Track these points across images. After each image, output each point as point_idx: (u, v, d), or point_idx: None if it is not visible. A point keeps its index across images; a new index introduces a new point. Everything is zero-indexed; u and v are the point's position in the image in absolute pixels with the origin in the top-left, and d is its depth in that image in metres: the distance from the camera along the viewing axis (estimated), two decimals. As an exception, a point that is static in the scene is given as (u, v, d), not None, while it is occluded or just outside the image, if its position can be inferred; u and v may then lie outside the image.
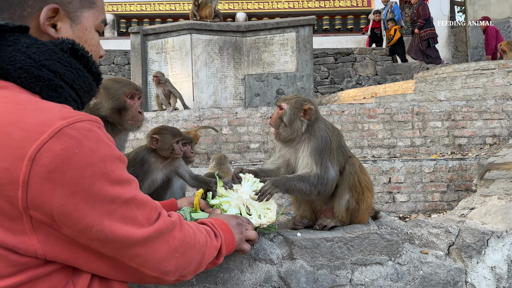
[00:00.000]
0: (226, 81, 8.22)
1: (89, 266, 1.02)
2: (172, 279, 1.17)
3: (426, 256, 2.04)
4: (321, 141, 2.00)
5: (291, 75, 8.08)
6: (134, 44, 8.25)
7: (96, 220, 0.95)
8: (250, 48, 8.34)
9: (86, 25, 1.17)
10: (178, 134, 2.19)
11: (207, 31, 8.06)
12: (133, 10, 19.03)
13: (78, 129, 0.93)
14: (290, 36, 8.15)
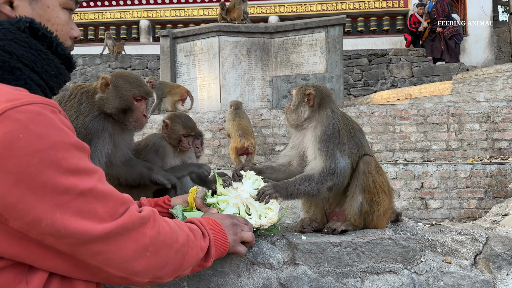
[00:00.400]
0: (254, 83, 8.12)
1: (45, 264, 0.93)
2: (144, 280, 1.07)
3: (448, 266, 1.84)
4: (327, 128, 1.89)
5: (320, 76, 7.87)
6: (164, 48, 8.32)
7: (45, 212, 0.86)
8: (278, 49, 8.21)
9: (48, 2, 1.10)
10: (189, 126, 2.10)
11: (235, 33, 8.01)
12: (168, 16, 19.37)
13: (25, 112, 0.85)
14: (320, 37, 7.96)
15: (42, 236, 0.88)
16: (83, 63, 14.49)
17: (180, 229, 1.18)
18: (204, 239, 1.29)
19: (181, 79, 8.31)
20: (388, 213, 2.02)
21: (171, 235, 1.12)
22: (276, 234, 1.78)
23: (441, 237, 1.96)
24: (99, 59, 14.45)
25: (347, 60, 12.68)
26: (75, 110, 1.76)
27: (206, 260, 1.31)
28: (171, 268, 1.13)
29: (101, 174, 1.01)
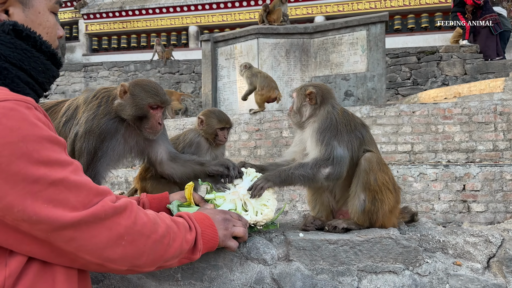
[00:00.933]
0: (293, 84, 8.09)
1: (23, 248, 1.00)
2: (121, 268, 1.12)
3: (457, 268, 1.76)
4: (325, 121, 1.89)
5: (361, 75, 7.70)
6: (205, 52, 8.52)
7: (17, 200, 0.93)
8: (318, 50, 8.13)
9: (39, 8, 1.19)
10: (224, 120, 2.18)
11: (273, 35, 8.04)
12: (215, 21, 19.79)
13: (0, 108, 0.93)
14: (360, 35, 7.79)
15: (17, 222, 0.95)
16: (134, 69, 15.16)
17: (161, 221, 1.22)
18: (190, 232, 1.33)
19: (221, 82, 8.47)
20: (396, 211, 1.96)
21: (149, 226, 1.16)
22: (274, 231, 1.79)
23: (452, 239, 1.88)
24: (149, 65, 15.04)
25: (395, 59, 12.27)
26: (94, 111, 1.86)
27: (194, 252, 1.34)
28: (150, 258, 1.17)
29: (76, 166, 1.07)
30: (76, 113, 1.90)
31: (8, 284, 0.97)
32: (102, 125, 1.83)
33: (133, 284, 1.59)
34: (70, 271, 1.10)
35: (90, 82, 15.44)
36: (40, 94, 1.21)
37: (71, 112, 1.92)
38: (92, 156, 1.83)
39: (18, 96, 1.00)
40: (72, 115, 1.90)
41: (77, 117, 1.89)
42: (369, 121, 6.01)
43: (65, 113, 1.92)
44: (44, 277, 1.04)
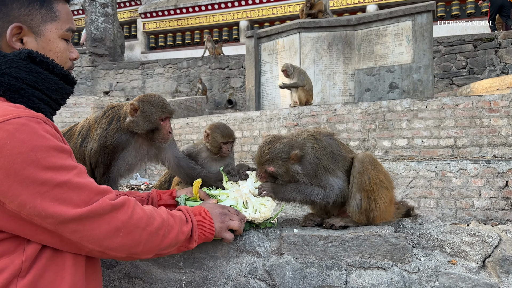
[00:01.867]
0: (335, 77, 8.04)
1: (37, 237, 1.22)
2: (120, 255, 1.31)
3: (450, 267, 1.80)
4: (311, 165, 1.90)
5: (406, 67, 7.48)
6: (249, 48, 8.69)
7: (28, 198, 1.14)
8: (362, 42, 8.00)
9: (49, 36, 1.38)
10: (227, 135, 2.29)
11: (315, 28, 8.02)
12: (265, 15, 19.95)
13: (13, 124, 1.14)
14: (406, 25, 7.55)
15: (30, 216, 1.16)
16: (187, 65, 15.72)
17: (158, 215, 1.40)
18: (186, 224, 1.50)
19: (264, 77, 8.61)
20: (392, 205, 2.01)
21: (145, 219, 1.34)
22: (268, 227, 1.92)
23: (450, 238, 1.91)
24: (201, 61, 15.53)
25: (449, 47, 11.70)
26: (105, 129, 2.08)
27: (190, 242, 1.52)
28: (146, 247, 1.35)
29: (80, 170, 1.27)
30: (89, 132, 2.13)
31: (25, 266, 1.19)
32: (114, 140, 2.05)
33: (141, 270, 1.80)
34: (77, 257, 1.30)
35: (146, 79, 16.23)
36: (55, 108, 1.43)
37: (85, 132, 2.15)
38: (107, 167, 2.08)
39: (30, 112, 1.21)
40: (87, 134, 2.13)
41: (91, 135, 2.12)
42: (410, 114, 5.88)
43: (79, 134, 2.16)
44: (55, 262, 1.26)
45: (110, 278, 1.81)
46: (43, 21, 1.36)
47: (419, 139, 5.80)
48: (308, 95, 6.89)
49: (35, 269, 1.21)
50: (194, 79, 15.36)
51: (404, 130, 5.88)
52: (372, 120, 6.08)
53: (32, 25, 1.34)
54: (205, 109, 13.11)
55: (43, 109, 1.34)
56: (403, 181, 5.02)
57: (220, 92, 14.85)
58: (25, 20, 1.33)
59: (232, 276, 1.77)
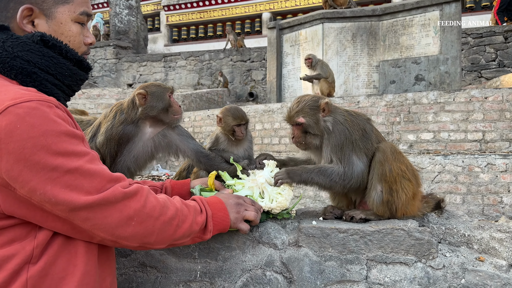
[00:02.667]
0: (359, 69, 7.87)
1: (48, 224, 1.19)
2: (133, 244, 1.28)
3: (478, 264, 1.71)
4: (340, 135, 1.85)
5: (433, 58, 7.24)
6: (271, 39, 8.59)
7: (38, 184, 1.11)
8: (387, 32, 7.78)
9: (61, 19, 1.34)
10: (238, 117, 2.26)
11: (339, 19, 7.85)
12: (288, 6, 19.75)
13: (23, 107, 1.11)
14: (433, 15, 7.30)
15: (41, 203, 1.14)
16: (209, 58, 15.73)
17: (172, 204, 1.36)
18: (200, 215, 1.46)
19: (286, 69, 8.50)
20: (417, 199, 1.92)
21: (158, 209, 1.30)
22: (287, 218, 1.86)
23: (478, 233, 1.81)
24: (223, 53, 15.51)
25: (478, 39, 11.29)
26: (111, 122, 2.15)
27: (205, 233, 1.48)
28: (160, 237, 1.31)
29: (93, 156, 1.23)
30: (99, 128, 2.20)
31: (36, 253, 1.17)
32: (119, 132, 2.10)
33: (156, 259, 1.77)
34: (90, 245, 1.27)
35: (169, 72, 16.34)
36: (69, 94, 1.39)
37: (95, 128, 2.22)
38: (113, 159, 2.13)
39: (41, 96, 1.17)
40: (97, 131, 2.20)
41: (99, 130, 2.19)
42: (436, 107, 5.69)
43: (91, 130, 2.24)
44: (67, 249, 1.23)
45: (125, 266, 1.79)
46: (55, 3, 1.32)
47: (446, 132, 5.61)
48: (330, 87, 6.77)
49: (46, 256, 1.19)
50: (215, 71, 15.35)
51: (430, 123, 5.70)
52: (397, 112, 5.92)
53: (44, 7, 1.31)
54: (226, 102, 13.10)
55: (56, 94, 1.31)
56: (428, 176, 4.87)
57: (242, 84, 14.80)
58: (36, 1, 1.29)
59: (248, 267, 1.73)
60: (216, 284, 1.73)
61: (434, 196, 2.14)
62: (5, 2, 1.28)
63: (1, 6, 1.29)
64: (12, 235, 1.17)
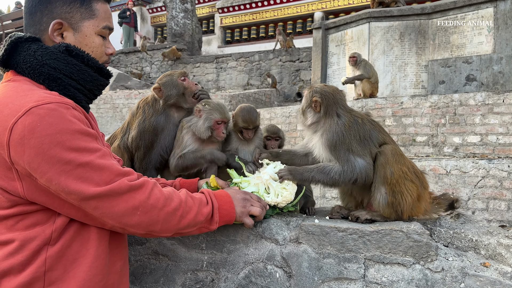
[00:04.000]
0: (406, 68, 7.63)
1: (64, 211, 1.36)
2: (139, 231, 1.43)
3: (481, 269, 1.70)
4: (334, 135, 1.90)
5: (486, 57, 6.87)
6: (316, 39, 8.58)
7: (54, 176, 1.28)
8: (437, 31, 7.48)
9: (86, 32, 1.51)
10: (246, 121, 2.23)
11: (386, 18, 7.67)
12: (340, 5, 19.43)
13: (44, 109, 1.28)
14: (487, 13, 6.92)
15: (57, 192, 1.31)
16: (258, 58, 15.92)
17: (176, 196, 1.49)
18: (206, 206, 1.58)
19: (331, 69, 8.45)
20: (425, 198, 1.92)
21: (163, 200, 1.43)
22: (295, 215, 1.94)
23: (486, 239, 1.79)
24: (272, 54, 15.62)
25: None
26: (142, 116, 2.31)
27: (211, 223, 1.60)
28: (165, 226, 1.45)
29: (104, 152, 1.39)
30: (129, 126, 2.38)
31: (54, 236, 1.35)
32: (153, 123, 2.27)
33: (167, 249, 1.92)
34: (102, 231, 1.43)
35: (220, 73, 16.74)
36: (90, 97, 1.56)
37: (125, 128, 2.40)
38: (148, 149, 2.28)
39: (61, 99, 1.34)
40: (127, 129, 2.38)
41: (130, 128, 2.36)
42: (484, 109, 5.42)
43: (121, 131, 2.41)
44: (81, 234, 1.40)
45: (140, 253, 1.96)
46: (82, 18, 1.49)
47: (494, 136, 5.32)
48: (373, 87, 6.65)
49: (63, 239, 1.36)
50: (265, 72, 15.50)
51: (477, 125, 5.43)
52: (442, 114, 5.70)
53: (72, 22, 1.48)
54: (274, 102, 13.21)
55: (78, 97, 1.47)
56: (470, 180, 4.66)
57: (290, 85, 14.83)
58: (65, 17, 1.47)
59: (250, 260, 1.83)
60: (221, 274, 1.85)
61: (447, 196, 2.12)
62: (39, 17, 1.47)
63: (36, 20, 1.47)
64: (35, 220, 1.35)
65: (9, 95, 1.34)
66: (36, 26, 1.48)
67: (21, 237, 1.31)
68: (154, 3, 24.56)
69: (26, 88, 1.38)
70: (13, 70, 1.45)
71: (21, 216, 1.34)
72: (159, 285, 1.91)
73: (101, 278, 1.40)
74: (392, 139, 2.00)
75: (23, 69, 1.42)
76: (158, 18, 24.54)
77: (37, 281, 1.30)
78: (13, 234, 1.32)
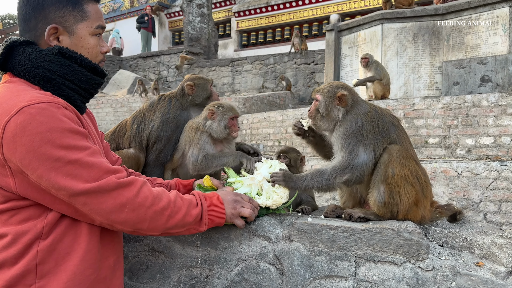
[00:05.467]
0: (420, 70, 7.55)
1: (55, 206, 1.41)
2: (126, 229, 1.47)
3: (474, 268, 1.69)
4: (351, 125, 1.90)
5: (501, 58, 6.74)
6: (329, 41, 8.57)
7: (44, 172, 1.33)
8: (451, 32, 7.38)
9: (81, 34, 1.56)
10: None
11: (399, 19, 7.61)
12: (357, 7, 19.31)
13: (35, 108, 1.33)
14: (502, 13, 6.79)
15: (48, 188, 1.35)
16: (273, 61, 15.96)
17: (166, 196, 1.53)
18: (195, 208, 1.61)
19: (344, 71, 8.42)
20: (423, 205, 1.90)
21: (151, 199, 1.47)
22: (289, 214, 1.96)
23: (480, 239, 1.78)
24: (287, 57, 15.65)
25: None
26: (166, 107, 2.43)
27: (200, 225, 1.62)
28: (152, 225, 1.48)
29: (93, 150, 1.43)
30: (144, 117, 2.46)
31: (46, 230, 1.40)
32: (177, 115, 2.43)
33: (164, 245, 1.97)
34: (93, 227, 1.48)
35: (236, 76, 16.85)
36: (86, 97, 1.61)
37: (140, 119, 2.48)
38: (167, 141, 2.39)
39: (52, 99, 1.40)
40: (142, 120, 2.46)
41: (148, 119, 2.45)
42: (497, 110, 5.32)
43: (134, 121, 2.48)
44: (73, 229, 1.45)
45: (137, 250, 2.01)
46: (75, 21, 1.54)
47: (508, 137, 5.22)
48: (384, 89, 6.60)
49: (54, 234, 1.41)
50: (279, 74, 15.53)
51: (491, 127, 5.34)
52: (455, 115, 5.62)
53: (66, 25, 1.53)
54: (288, 105, 13.22)
55: (72, 97, 1.52)
56: (482, 182, 4.58)
57: (305, 87, 14.82)
58: (60, 21, 1.52)
59: (244, 257, 1.85)
60: (214, 270, 1.88)
61: (451, 207, 2.09)
62: (34, 23, 1.52)
63: (31, 26, 1.53)
64: (27, 214, 1.40)
65: (4, 95, 1.40)
66: (31, 32, 1.53)
67: (14, 231, 1.37)
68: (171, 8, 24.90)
69: (21, 88, 1.43)
70: (10, 72, 1.51)
71: (14, 211, 1.39)
72: (155, 281, 1.96)
73: (92, 272, 1.44)
74: (407, 139, 1.97)
75: (19, 72, 1.48)
76: (176, 23, 24.85)
77: (29, 274, 1.36)
78: (6, 228, 1.38)
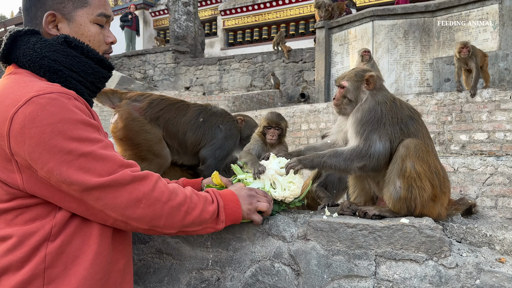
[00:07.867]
0: (411, 67, 7.57)
1: (65, 204, 1.31)
2: (142, 226, 1.37)
3: (497, 265, 1.63)
4: (368, 112, 1.86)
5: (492, 54, 6.79)
6: (319, 39, 8.53)
7: (55, 166, 1.24)
8: (441, 28, 7.42)
9: (80, 21, 1.47)
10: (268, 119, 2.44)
11: (390, 16, 7.62)
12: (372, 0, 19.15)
13: (45, 98, 1.25)
14: (491, 9, 6.85)
15: (58, 183, 1.26)
16: (261, 60, 15.88)
17: (181, 192, 1.44)
18: (212, 204, 1.52)
19: (335, 69, 8.40)
20: (441, 201, 1.85)
21: (167, 194, 1.38)
22: (300, 212, 1.89)
23: (501, 234, 1.73)
24: (275, 55, 15.59)
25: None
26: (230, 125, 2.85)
27: (217, 223, 1.54)
28: (169, 221, 1.39)
29: (106, 143, 1.34)
30: (211, 118, 2.77)
31: (54, 231, 1.30)
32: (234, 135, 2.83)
33: (172, 247, 1.87)
34: (104, 228, 1.38)
35: (223, 75, 16.72)
36: (93, 90, 1.52)
37: (207, 115, 2.77)
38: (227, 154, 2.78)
39: (62, 89, 1.31)
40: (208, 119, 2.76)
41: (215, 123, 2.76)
42: (491, 106, 5.35)
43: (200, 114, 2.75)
44: (83, 230, 1.35)
45: (143, 252, 1.91)
46: (74, 8, 1.45)
47: (501, 132, 5.25)
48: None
49: (63, 235, 1.31)
50: (268, 73, 15.46)
51: (484, 122, 5.37)
52: (448, 111, 5.64)
53: (65, 12, 1.44)
54: (277, 103, 13.17)
55: (80, 90, 1.43)
56: (478, 178, 4.60)
57: (293, 85, 14.79)
58: (58, 8, 1.43)
59: (257, 258, 1.77)
60: (226, 272, 1.80)
61: (465, 201, 2.05)
62: (34, 12, 1.44)
63: (31, 16, 1.45)
64: (35, 214, 1.30)
65: (10, 86, 1.31)
66: (32, 22, 1.45)
67: (20, 232, 1.27)
68: (156, 7, 24.60)
69: (27, 79, 1.35)
70: (14, 63, 1.42)
71: (21, 210, 1.29)
72: (163, 284, 1.86)
73: (102, 276, 1.35)
74: (427, 134, 1.92)
75: (23, 63, 1.39)
76: (161, 21, 24.58)
77: (37, 279, 1.25)
78: (11, 229, 1.27)
